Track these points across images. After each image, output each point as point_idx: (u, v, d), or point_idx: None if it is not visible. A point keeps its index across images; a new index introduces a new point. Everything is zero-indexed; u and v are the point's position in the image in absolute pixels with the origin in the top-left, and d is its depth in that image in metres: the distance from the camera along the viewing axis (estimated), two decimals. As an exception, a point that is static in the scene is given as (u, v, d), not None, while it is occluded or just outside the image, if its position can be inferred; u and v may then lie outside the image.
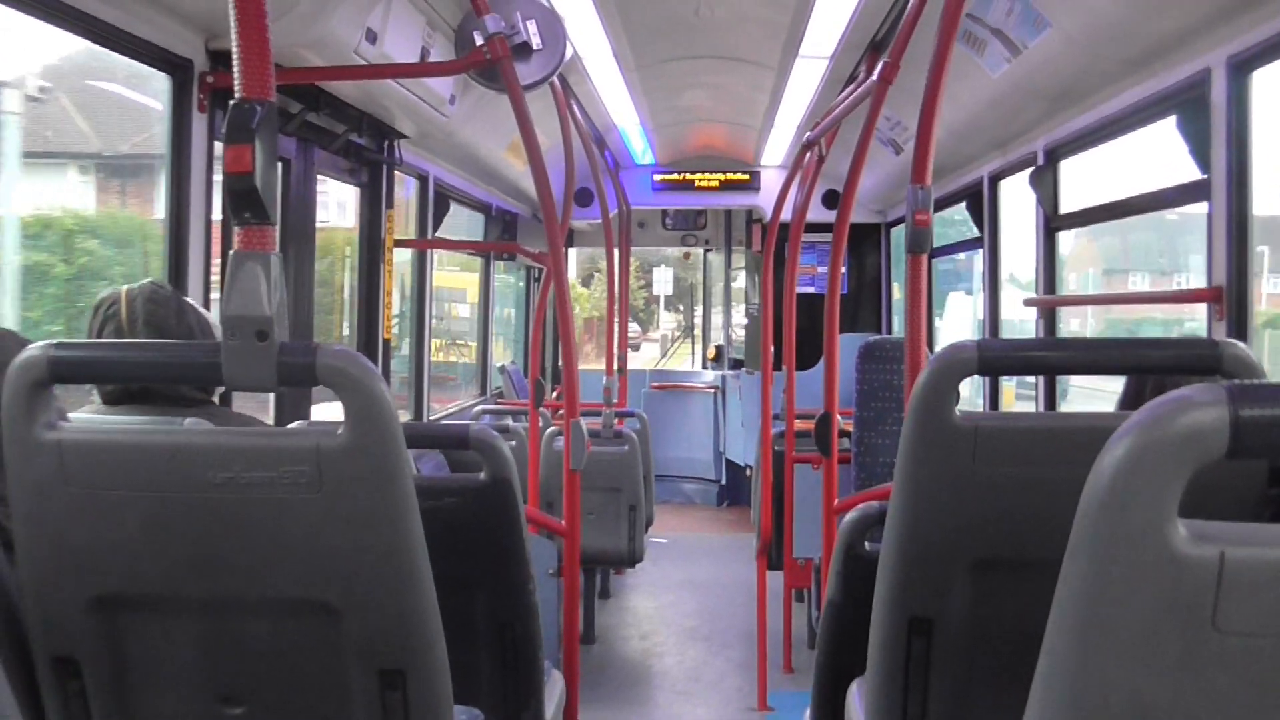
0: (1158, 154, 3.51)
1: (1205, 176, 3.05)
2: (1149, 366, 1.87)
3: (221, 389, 2.28)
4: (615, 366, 6.37)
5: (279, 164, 3.95)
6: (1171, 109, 3.25)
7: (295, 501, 1.38)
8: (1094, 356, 1.75)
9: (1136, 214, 3.97)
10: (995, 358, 1.65)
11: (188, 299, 2.16)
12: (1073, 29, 3.36)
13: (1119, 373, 1.91)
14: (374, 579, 1.44)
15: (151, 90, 3.36)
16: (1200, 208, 3.09)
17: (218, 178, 3.25)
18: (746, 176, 8.43)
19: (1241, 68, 2.88)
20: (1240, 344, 1.63)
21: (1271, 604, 0.81)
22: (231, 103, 1.41)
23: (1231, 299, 2.92)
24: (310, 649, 1.50)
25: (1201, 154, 3.06)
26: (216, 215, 3.29)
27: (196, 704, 1.55)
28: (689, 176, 8.47)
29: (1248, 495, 1.57)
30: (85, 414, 1.95)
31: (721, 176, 8.45)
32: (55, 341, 1.43)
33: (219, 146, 3.20)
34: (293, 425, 2.27)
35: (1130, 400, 2.17)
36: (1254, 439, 0.80)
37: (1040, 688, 0.90)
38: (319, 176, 4.34)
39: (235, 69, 1.41)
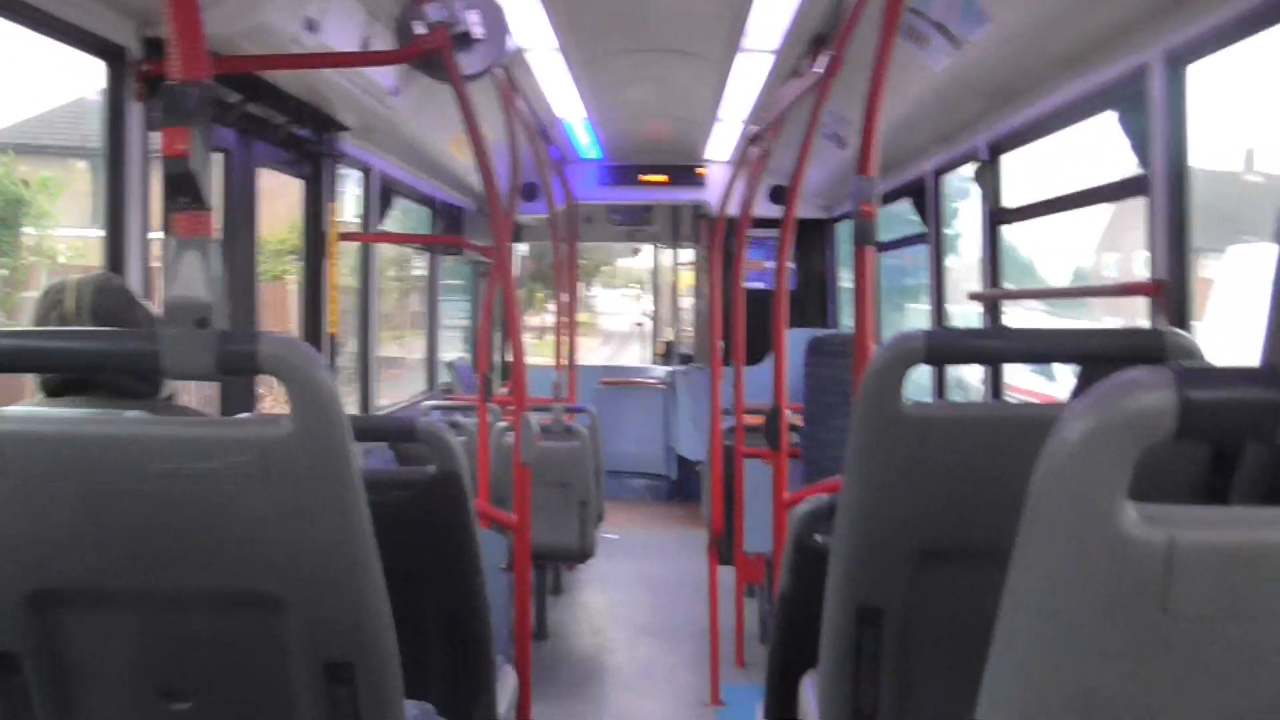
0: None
1: (1145, 171, 3.10)
2: (1095, 356, 1.89)
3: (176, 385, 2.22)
4: (564, 361, 6.34)
5: (220, 155, 3.92)
6: (1111, 104, 3.29)
7: (239, 493, 1.35)
8: (1041, 345, 1.76)
9: (1078, 208, 4.03)
10: (942, 346, 1.65)
11: (141, 300, 2.11)
12: (1013, 23, 3.40)
13: (1065, 361, 1.93)
14: (320, 570, 1.41)
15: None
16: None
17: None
18: (694, 171, 8.44)
19: (1178, 62, 2.92)
20: (1183, 333, 1.65)
21: (1220, 587, 0.82)
22: (165, 85, 1.37)
23: (1173, 292, 2.97)
24: (256, 642, 1.47)
25: (1142, 148, 3.10)
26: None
27: (140, 699, 1.52)
28: (635, 171, 8.47)
29: (1193, 482, 1.59)
30: (27, 405, 1.89)
31: (668, 171, 8.46)
32: None
33: (156, 137, 3.14)
34: (238, 417, 2.23)
35: (1083, 390, 2.19)
36: (1201, 420, 0.81)
37: (993, 674, 0.90)
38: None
39: (170, 52, 1.37)
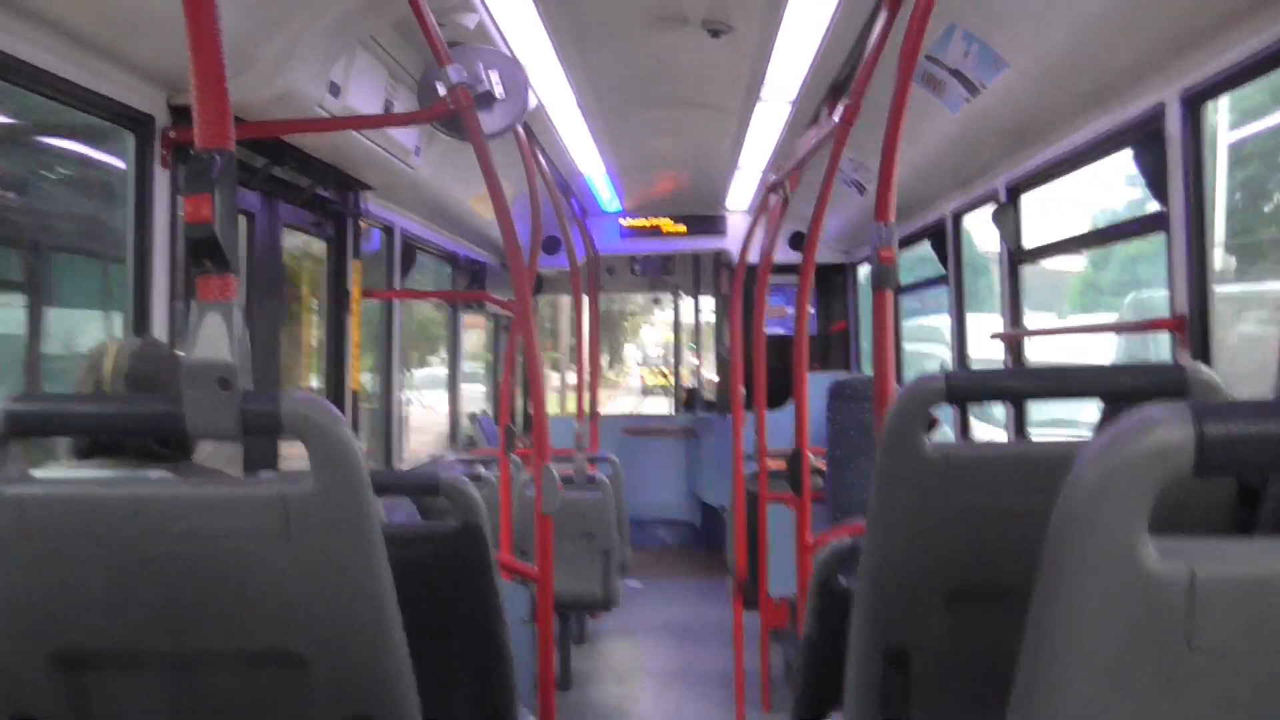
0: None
1: (1164, 208, 3.10)
2: (1116, 393, 1.88)
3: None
4: (586, 412, 6.36)
5: (244, 218, 3.98)
6: (1128, 143, 3.31)
7: (261, 552, 1.36)
8: (1061, 384, 1.76)
9: (1098, 246, 4.04)
10: (963, 386, 1.66)
11: None
12: (1030, 67, 3.42)
13: (1085, 398, 1.92)
14: (343, 627, 1.41)
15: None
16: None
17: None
18: (713, 220, 8.48)
19: (1194, 101, 2.94)
20: (1206, 368, 1.64)
21: (1243, 620, 0.81)
22: (190, 153, 1.40)
23: (1195, 326, 2.96)
24: (279, 700, 1.47)
25: (1159, 186, 3.11)
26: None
27: None
28: (656, 222, 8.52)
29: (1219, 516, 1.58)
30: (57, 468, 1.92)
31: (688, 221, 8.51)
32: (13, 396, 1.41)
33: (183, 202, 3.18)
34: (259, 476, 2.24)
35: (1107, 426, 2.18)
36: (1219, 455, 0.81)
37: (1016, 712, 0.90)
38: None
39: (194, 119, 1.41)
